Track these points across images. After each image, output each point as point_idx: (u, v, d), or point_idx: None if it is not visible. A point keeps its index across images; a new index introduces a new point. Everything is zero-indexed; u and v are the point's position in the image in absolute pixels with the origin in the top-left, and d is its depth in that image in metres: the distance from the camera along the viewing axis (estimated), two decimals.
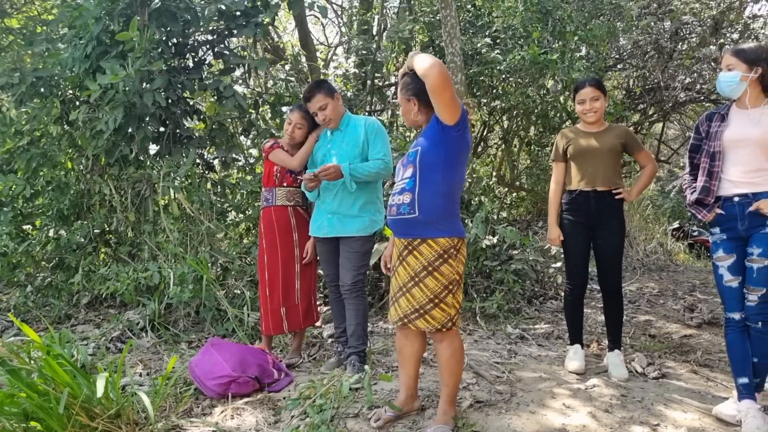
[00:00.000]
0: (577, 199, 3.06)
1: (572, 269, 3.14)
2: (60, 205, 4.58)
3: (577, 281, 3.12)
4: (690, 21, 7.26)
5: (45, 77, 4.46)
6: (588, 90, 3.01)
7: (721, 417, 2.44)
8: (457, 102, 2.13)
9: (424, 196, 2.20)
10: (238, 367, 2.70)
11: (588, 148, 3.04)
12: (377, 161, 2.94)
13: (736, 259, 2.42)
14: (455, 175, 2.23)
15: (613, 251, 3.05)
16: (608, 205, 3.03)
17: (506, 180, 8.47)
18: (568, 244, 3.12)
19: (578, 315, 3.19)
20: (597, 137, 3.06)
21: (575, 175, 3.09)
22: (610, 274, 3.06)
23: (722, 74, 2.44)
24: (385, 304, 4.59)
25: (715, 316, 4.39)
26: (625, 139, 3.07)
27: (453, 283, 2.22)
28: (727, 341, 2.48)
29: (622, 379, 2.92)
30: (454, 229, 2.23)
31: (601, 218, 3.03)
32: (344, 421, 2.36)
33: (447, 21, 5.56)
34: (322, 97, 2.96)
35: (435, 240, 2.20)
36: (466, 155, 2.29)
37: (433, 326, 2.23)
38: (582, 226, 3.07)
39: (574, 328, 3.19)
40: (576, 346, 3.17)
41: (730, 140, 2.43)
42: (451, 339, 2.28)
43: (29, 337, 2.25)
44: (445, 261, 2.19)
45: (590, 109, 3.02)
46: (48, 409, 2.00)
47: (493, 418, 2.40)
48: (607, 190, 3.02)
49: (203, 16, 4.34)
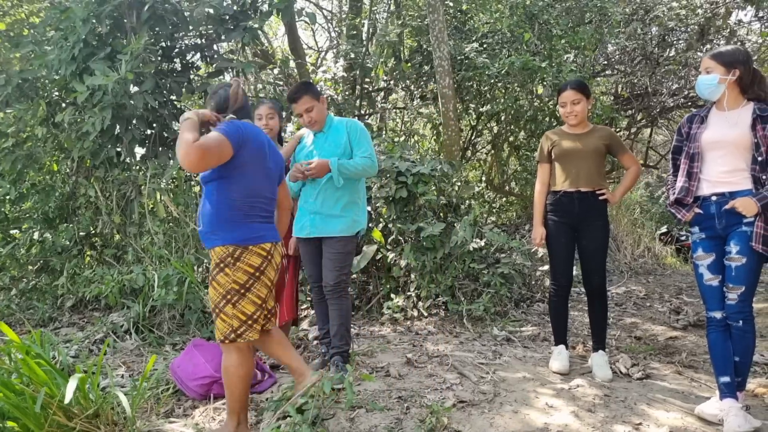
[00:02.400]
0: (562, 200, 3.09)
1: (556, 270, 3.16)
2: (45, 208, 4.55)
3: (562, 282, 3.14)
4: (676, 27, 7.35)
5: (31, 79, 4.44)
6: (569, 93, 3.04)
7: (703, 416, 2.46)
8: (209, 160, 2.09)
9: (204, 208, 2.25)
10: (220, 367, 2.68)
11: (572, 150, 3.07)
12: (364, 158, 2.96)
13: (715, 258, 2.44)
14: (233, 184, 2.20)
15: (597, 252, 3.07)
16: (592, 206, 3.05)
17: (495, 184, 8.50)
18: (553, 245, 3.14)
19: (563, 316, 3.20)
20: (581, 139, 3.09)
21: (559, 175, 3.12)
22: (595, 274, 3.07)
23: (701, 77, 2.47)
24: (372, 308, 4.59)
25: (700, 318, 4.41)
26: (608, 140, 3.09)
27: (231, 292, 2.18)
28: (709, 341, 2.50)
29: (606, 380, 2.93)
30: (230, 237, 2.18)
31: (585, 219, 3.05)
32: (326, 422, 2.35)
33: (435, 26, 5.60)
34: (309, 99, 2.96)
35: (213, 249, 2.23)
36: (252, 164, 2.24)
37: (218, 336, 2.22)
38: (566, 227, 3.09)
39: (559, 329, 3.21)
40: (560, 346, 3.18)
41: (708, 142, 2.47)
42: (229, 353, 2.23)
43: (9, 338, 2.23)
44: (221, 270, 2.19)
45: (571, 112, 3.05)
46: (24, 409, 1.97)
47: (476, 418, 2.40)
48: (591, 190, 3.04)
49: (192, 19, 4.34)
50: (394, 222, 4.56)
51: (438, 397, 2.64)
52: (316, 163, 2.90)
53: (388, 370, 3.05)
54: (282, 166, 2.49)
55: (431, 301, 4.42)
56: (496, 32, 6.53)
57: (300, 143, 3.18)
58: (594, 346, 3.14)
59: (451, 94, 5.74)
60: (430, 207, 4.67)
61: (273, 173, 2.37)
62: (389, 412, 2.44)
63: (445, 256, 4.46)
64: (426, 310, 4.37)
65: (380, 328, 4.20)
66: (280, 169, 2.46)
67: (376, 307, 4.57)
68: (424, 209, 4.63)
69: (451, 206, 4.83)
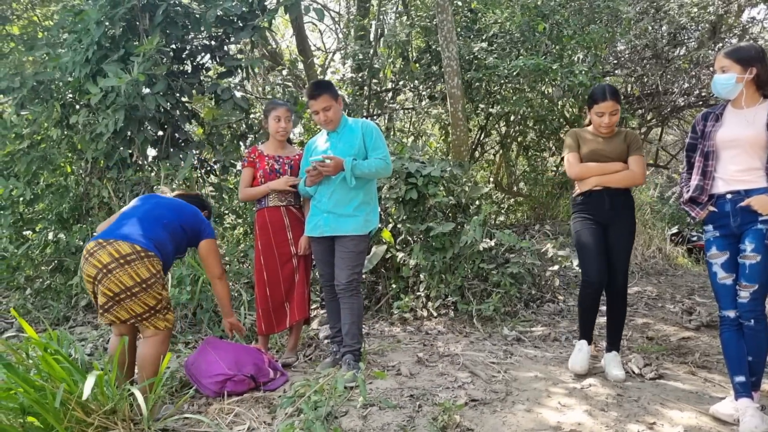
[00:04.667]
0: (592, 198, 3.01)
1: (587, 266, 3.04)
2: (59, 209, 4.60)
3: (593, 277, 3.01)
4: (688, 25, 7.31)
5: (45, 81, 4.49)
6: (609, 104, 2.92)
7: (719, 416, 2.44)
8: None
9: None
10: (234, 365, 2.71)
11: (598, 153, 3.00)
12: (379, 160, 2.97)
13: (729, 256, 2.43)
14: None
15: (622, 252, 3.00)
16: (622, 204, 3.00)
17: (504, 185, 8.49)
18: (582, 241, 3.04)
19: (591, 312, 3.10)
20: (607, 142, 3.01)
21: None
22: (619, 274, 3.01)
23: (717, 76, 2.45)
24: (381, 307, 4.60)
25: (713, 318, 4.38)
26: (629, 141, 3.02)
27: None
28: (722, 340, 2.48)
29: (619, 380, 2.90)
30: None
31: (614, 217, 2.99)
32: (338, 419, 2.36)
33: (443, 26, 5.61)
34: (328, 98, 2.98)
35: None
36: None
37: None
38: (596, 224, 3.01)
39: (586, 324, 3.12)
40: (583, 342, 3.10)
41: (723, 140, 2.45)
42: None
43: (28, 335, 2.27)
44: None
45: (609, 123, 2.95)
46: (44, 404, 2.01)
47: (488, 416, 2.40)
48: (620, 189, 2.98)
49: (204, 21, 4.37)
50: (404, 222, 4.57)
51: (450, 395, 2.64)
52: (333, 160, 2.91)
53: (399, 369, 3.06)
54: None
55: (440, 301, 4.42)
56: (506, 32, 6.53)
57: (314, 142, 3.22)
58: (608, 346, 3.09)
59: (460, 94, 5.74)
60: (440, 207, 4.67)
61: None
62: (401, 410, 2.45)
63: (454, 256, 4.46)
64: (435, 310, 4.37)
65: (390, 327, 4.21)
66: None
67: (385, 307, 4.58)
68: (434, 210, 4.63)
69: (460, 206, 4.83)
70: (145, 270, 2.43)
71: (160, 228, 2.62)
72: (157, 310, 2.49)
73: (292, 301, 3.26)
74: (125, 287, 2.39)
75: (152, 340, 2.50)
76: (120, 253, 2.42)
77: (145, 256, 2.46)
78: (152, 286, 2.45)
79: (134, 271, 2.41)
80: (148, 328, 2.49)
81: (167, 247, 2.62)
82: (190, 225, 2.76)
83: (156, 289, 2.47)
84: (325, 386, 2.42)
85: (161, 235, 2.60)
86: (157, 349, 2.50)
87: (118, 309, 2.43)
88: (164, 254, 2.59)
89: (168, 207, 2.77)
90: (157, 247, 2.55)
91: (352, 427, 2.29)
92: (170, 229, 2.66)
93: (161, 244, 2.58)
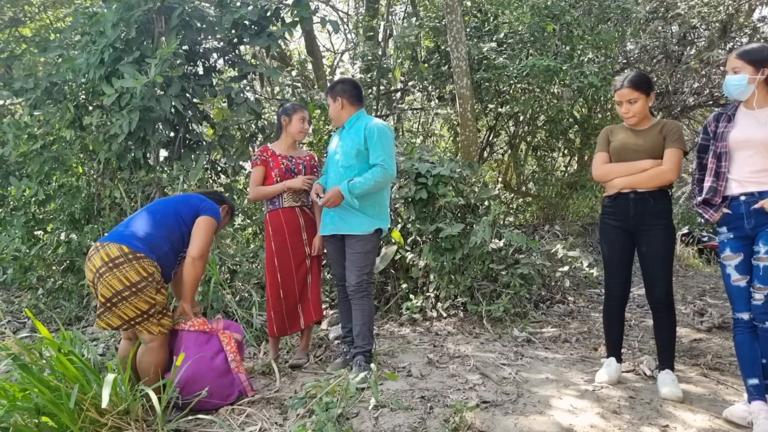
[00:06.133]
0: (618, 201, 2.82)
1: (609, 278, 2.92)
2: (71, 209, 4.64)
3: (614, 290, 2.90)
4: (698, 25, 7.25)
5: (59, 83, 4.54)
6: (625, 91, 2.75)
7: (732, 419, 2.42)
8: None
9: None
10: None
11: (627, 146, 2.79)
12: (375, 169, 2.92)
13: (743, 258, 2.41)
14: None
15: (658, 259, 2.76)
16: (651, 208, 2.75)
17: (512, 185, 8.46)
18: (605, 250, 2.91)
19: (616, 326, 2.94)
20: (640, 135, 2.80)
21: None
22: (657, 284, 2.77)
23: (729, 77, 2.44)
24: (391, 308, 4.60)
25: (725, 320, 4.35)
26: (666, 132, 2.75)
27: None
28: (736, 342, 2.46)
29: (677, 399, 2.64)
30: None
31: (642, 223, 2.76)
32: (350, 420, 2.37)
33: (453, 26, 5.60)
34: (328, 97, 3.20)
35: None
36: None
37: None
38: (621, 231, 2.83)
39: (611, 340, 2.96)
40: (611, 359, 2.94)
41: (736, 141, 2.43)
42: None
43: (41, 335, 2.29)
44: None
45: (627, 112, 2.77)
46: (59, 405, 2.02)
47: (500, 418, 2.40)
48: (649, 191, 2.75)
49: (220, 25, 4.39)
50: (413, 222, 4.57)
51: (461, 397, 2.64)
52: (330, 194, 2.94)
53: (409, 370, 3.06)
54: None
55: (450, 302, 4.41)
56: (516, 32, 6.51)
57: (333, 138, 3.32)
58: (660, 364, 2.86)
59: (469, 95, 5.73)
60: (449, 208, 4.67)
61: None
62: (413, 411, 2.45)
63: (463, 256, 4.46)
64: (445, 310, 4.37)
65: (399, 328, 4.21)
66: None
67: (394, 308, 4.59)
68: (444, 210, 4.63)
69: (469, 207, 4.83)
70: (134, 273, 2.39)
71: (152, 226, 2.56)
72: (150, 314, 2.45)
73: (305, 303, 3.25)
74: (115, 291, 2.37)
75: (149, 347, 2.49)
76: (109, 256, 2.40)
77: (133, 258, 2.41)
78: (143, 290, 2.40)
79: (123, 274, 2.38)
80: (142, 332, 2.48)
81: (162, 247, 2.54)
82: (187, 208, 2.67)
83: (148, 293, 2.42)
84: (337, 387, 2.42)
85: (154, 233, 2.54)
86: (154, 357, 2.49)
87: (109, 315, 2.41)
88: (159, 255, 2.52)
89: (164, 201, 2.73)
90: (150, 248, 2.48)
91: (363, 428, 2.30)
92: (163, 224, 2.58)
93: (154, 244, 2.51)
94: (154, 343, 2.50)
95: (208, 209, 2.71)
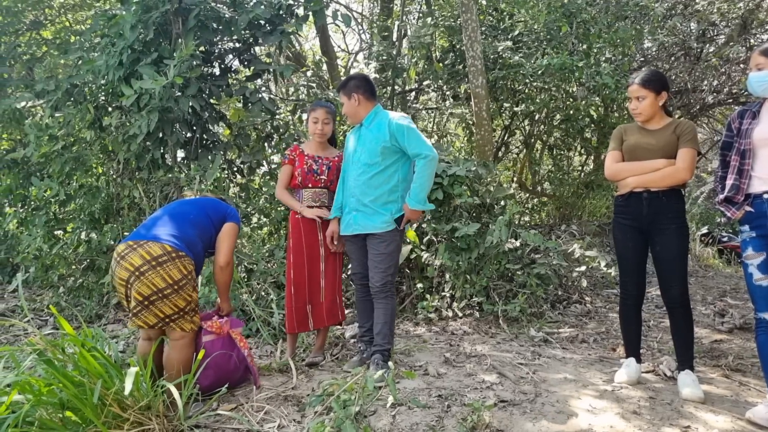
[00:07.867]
0: (631, 201, 2.81)
1: (624, 277, 2.92)
2: (91, 209, 4.71)
3: (630, 289, 2.89)
4: (717, 21, 7.14)
5: (79, 84, 4.61)
6: (634, 88, 2.77)
7: (755, 421, 2.38)
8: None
9: None
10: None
11: (640, 146, 2.78)
12: (419, 162, 2.93)
13: (766, 257, 2.37)
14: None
15: (672, 259, 2.74)
16: (664, 208, 2.74)
17: (527, 185, 8.41)
18: (619, 249, 2.89)
19: (633, 326, 2.94)
20: (653, 134, 2.79)
21: None
22: (672, 284, 2.75)
23: (753, 74, 2.41)
24: (405, 307, 4.60)
25: (747, 321, 4.28)
26: (680, 132, 2.72)
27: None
28: (758, 343, 2.42)
29: (698, 400, 2.62)
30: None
31: (655, 222, 2.75)
32: (368, 418, 2.37)
33: (468, 25, 5.58)
34: (342, 95, 3.16)
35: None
36: None
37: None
38: (634, 231, 2.82)
39: (629, 340, 2.96)
40: (630, 359, 2.93)
41: (760, 138, 2.40)
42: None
43: (64, 332, 2.33)
44: None
45: (635, 108, 2.78)
46: (83, 400, 2.06)
47: (518, 418, 2.39)
48: (662, 190, 2.74)
49: (235, 25, 4.44)
50: (429, 222, 4.57)
51: (478, 396, 2.63)
52: (407, 218, 3.03)
53: (426, 369, 3.06)
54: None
55: (466, 302, 4.40)
56: (531, 31, 6.47)
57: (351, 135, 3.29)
58: (679, 365, 2.83)
59: (484, 94, 5.71)
60: (465, 208, 4.65)
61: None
62: (430, 410, 2.45)
63: (479, 256, 4.44)
64: (460, 310, 4.35)
65: (415, 327, 4.21)
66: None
67: (410, 307, 4.58)
68: (459, 210, 4.62)
69: (485, 207, 4.81)
70: (176, 271, 2.46)
71: (188, 226, 2.63)
72: (186, 311, 2.51)
73: (315, 305, 3.26)
74: (157, 289, 2.42)
75: (179, 344, 2.53)
76: (151, 254, 2.44)
77: (176, 257, 2.48)
78: (183, 288, 2.47)
79: (166, 272, 2.43)
80: (174, 330, 2.51)
81: (197, 246, 2.64)
82: (214, 211, 2.78)
83: (187, 291, 2.49)
84: (354, 385, 2.43)
85: (190, 233, 2.62)
86: (184, 353, 2.53)
87: (146, 313, 2.45)
88: (195, 253, 2.61)
89: (191, 203, 2.81)
90: (188, 247, 2.56)
91: (381, 426, 2.30)
92: (197, 224, 2.67)
93: (191, 243, 2.60)
94: (185, 340, 2.54)
95: (233, 215, 2.83)
